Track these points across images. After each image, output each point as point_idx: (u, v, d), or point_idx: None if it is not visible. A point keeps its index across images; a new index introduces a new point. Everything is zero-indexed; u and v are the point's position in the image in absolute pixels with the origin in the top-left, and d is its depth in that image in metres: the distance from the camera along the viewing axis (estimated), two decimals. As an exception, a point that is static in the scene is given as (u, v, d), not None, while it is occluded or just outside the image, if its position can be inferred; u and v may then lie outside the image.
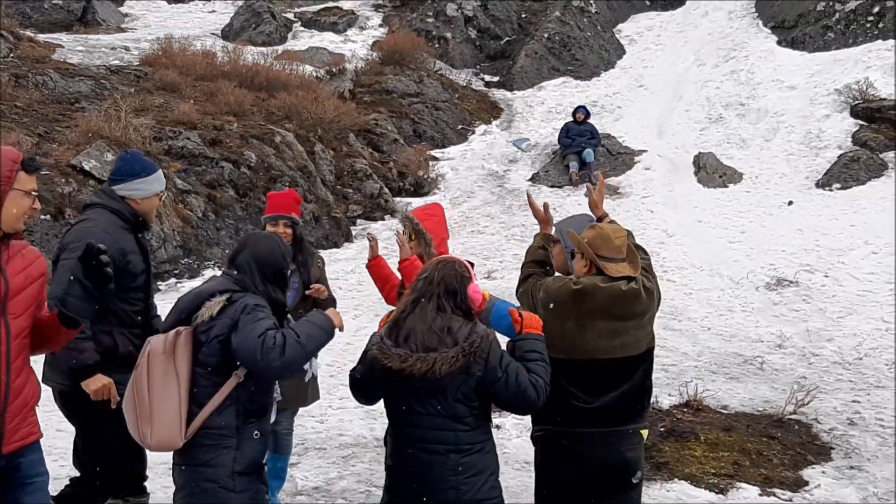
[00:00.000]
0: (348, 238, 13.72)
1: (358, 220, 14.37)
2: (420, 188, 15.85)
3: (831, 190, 14.70)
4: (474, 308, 3.89)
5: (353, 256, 12.52)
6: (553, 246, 4.58)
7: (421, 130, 17.94)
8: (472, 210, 14.88)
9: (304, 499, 6.07)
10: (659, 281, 4.43)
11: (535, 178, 16.17)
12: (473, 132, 18.65)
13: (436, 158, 17.08)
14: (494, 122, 19.16)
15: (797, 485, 6.31)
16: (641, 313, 4.18)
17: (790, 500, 6.11)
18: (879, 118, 16.15)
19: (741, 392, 8.11)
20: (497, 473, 3.91)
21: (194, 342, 3.80)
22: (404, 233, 5.47)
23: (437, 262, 3.96)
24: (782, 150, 16.29)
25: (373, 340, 3.99)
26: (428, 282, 3.85)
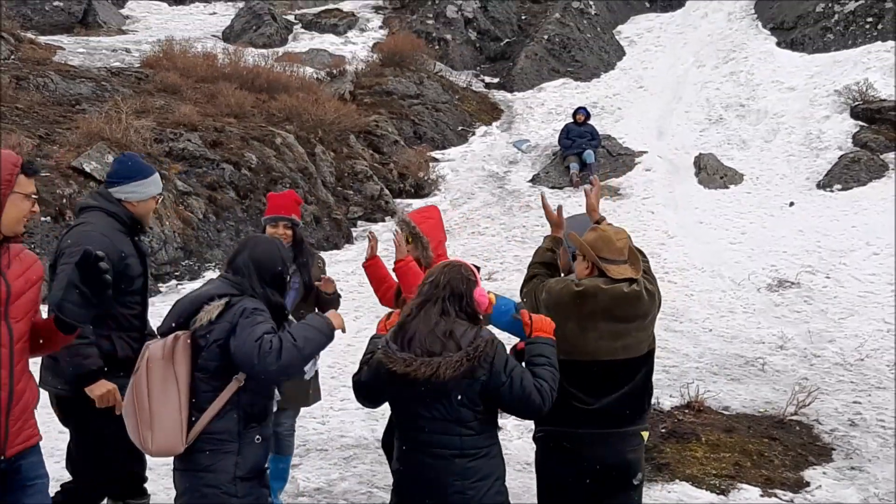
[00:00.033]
0: (349, 239, 13.72)
1: (358, 222, 14.37)
2: (420, 189, 15.84)
3: (832, 191, 14.70)
4: (480, 311, 3.89)
5: (354, 258, 12.51)
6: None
7: (421, 132, 17.93)
8: (473, 211, 14.88)
9: (306, 500, 6.08)
10: (660, 282, 4.43)
11: (535, 180, 16.15)
12: (474, 133, 18.63)
13: (436, 160, 17.07)
14: (495, 124, 19.15)
15: (798, 486, 6.32)
16: (643, 315, 4.19)
17: (791, 500, 6.11)
18: (879, 119, 16.15)
19: (742, 393, 8.11)
20: (503, 478, 3.89)
21: (193, 347, 3.78)
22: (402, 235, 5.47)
23: (444, 266, 3.95)
24: (783, 151, 16.29)
25: (372, 344, 4.00)
26: (434, 285, 3.85)
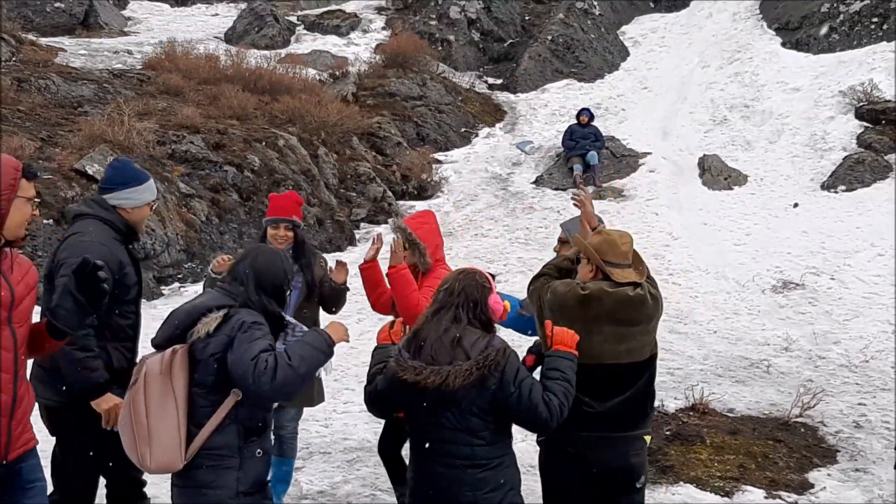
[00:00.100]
0: (352, 241, 13.71)
1: (361, 224, 14.36)
2: (423, 191, 15.83)
3: (836, 192, 14.67)
4: (495, 319, 3.86)
5: (357, 260, 12.31)
6: (562, 246, 4.58)
7: (424, 133, 17.92)
8: (476, 213, 14.85)
9: (309, 502, 6.07)
10: (664, 284, 4.44)
11: (538, 181, 16.14)
12: (477, 135, 18.61)
13: (439, 161, 17.05)
14: (498, 125, 19.13)
15: (803, 487, 6.31)
16: (647, 319, 4.19)
17: (796, 502, 6.10)
18: (884, 120, 16.12)
19: (747, 395, 8.09)
20: (517, 488, 3.86)
21: (190, 360, 3.71)
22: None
23: (459, 273, 3.94)
24: (787, 152, 16.26)
25: (378, 355, 3.98)
26: (449, 293, 3.83)
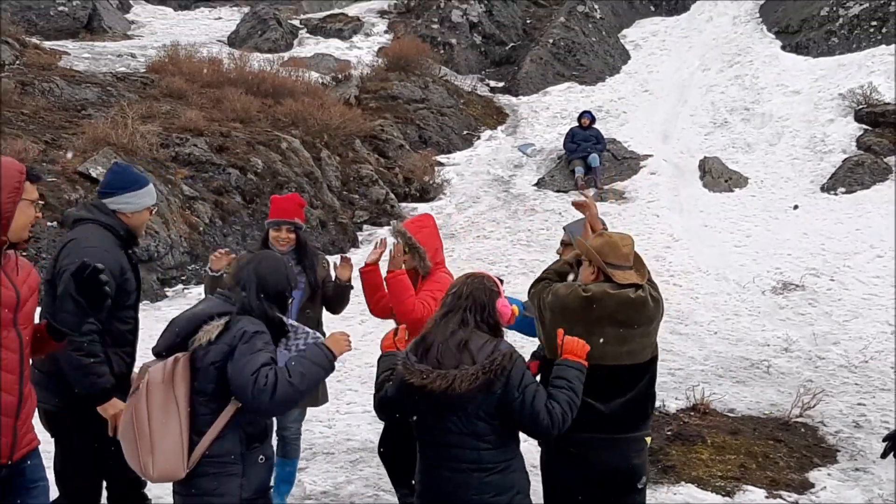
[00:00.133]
0: (354, 243, 13.74)
1: (364, 226, 14.38)
2: (426, 193, 15.85)
3: (836, 194, 14.71)
4: (503, 323, 3.88)
5: (360, 262, 12.43)
6: (566, 249, 4.61)
7: (426, 136, 17.95)
8: (478, 215, 14.88)
9: (313, 503, 6.10)
10: (665, 286, 4.47)
11: (540, 184, 16.17)
12: (479, 138, 18.64)
13: (441, 164, 17.08)
14: (500, 128, 19.15)
15: (803, 487, 6.34)
16: (648, 321, 4.22)
17: (796, 502, 6.13)
18: (883, 122, 16.15)
19: (748, 395, 8.13)
20: (526, 492, 3.88)
21: (191, 368, 3.71)
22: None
23: (467, 277, 3.96)
24: (787, 154, 16.29)
25: (385, 363, 4.00)
26: (457, 296, 3.85)
